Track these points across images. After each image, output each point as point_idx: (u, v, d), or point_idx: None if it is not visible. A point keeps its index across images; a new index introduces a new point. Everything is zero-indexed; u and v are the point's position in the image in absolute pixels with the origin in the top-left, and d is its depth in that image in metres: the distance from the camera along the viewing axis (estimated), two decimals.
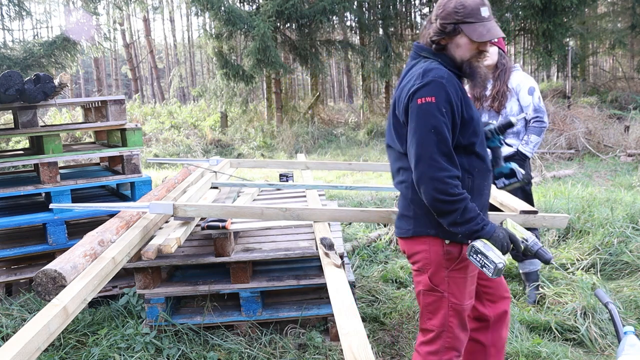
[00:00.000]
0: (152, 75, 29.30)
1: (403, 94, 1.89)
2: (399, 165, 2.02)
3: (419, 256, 2.00)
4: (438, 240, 1.95)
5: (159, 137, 14.17)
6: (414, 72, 1.91)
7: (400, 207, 2.05)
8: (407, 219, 2.00)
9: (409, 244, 2.03)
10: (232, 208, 2.68)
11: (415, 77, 1.87)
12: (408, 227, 2.00)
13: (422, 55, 1.97)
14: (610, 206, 4.89)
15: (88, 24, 10.44)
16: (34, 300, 3.33)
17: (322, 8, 13.16)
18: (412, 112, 1.84)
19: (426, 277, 1.98)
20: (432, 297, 2.00)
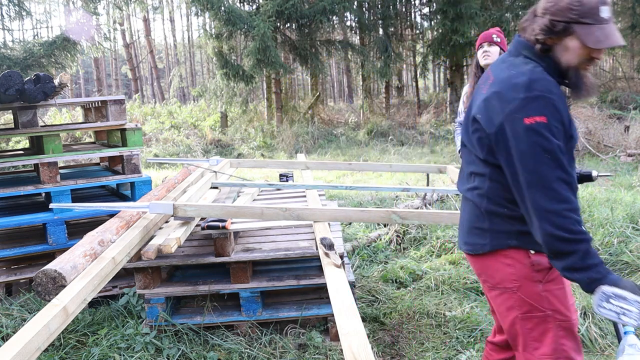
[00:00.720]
0: (152, 75, 29.30)
1: (499, 102, 1.58)
2: (472, 170, 1.73)
3: (501, 274, 1.68)
4: (522, 252, 1.65)
5: (159, 137, 14.17)
6: (513, 76, 1.59)
7: (469, 219, 1.75)
8: (481, 232, 1.70)
9: (485, 261, 1.72)
10: (232, 208, 2.68)
11: (519, 88, 1.55)
12: (483, 241, 1.69)
13: (524, 54, 1.66)
14: (610, 206, 4.89)
15: (88, 24, 10.43)
16: (34, 300, 3.33)
17: (322, 8, 13.16)
18: (517, 132, 1.53)
19: (519, 296, 1.66)
20: (533, 320, 1.67)
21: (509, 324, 1.71)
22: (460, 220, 1.84)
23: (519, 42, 1.69)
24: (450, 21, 13.57)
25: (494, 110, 1.59)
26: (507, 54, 1.72)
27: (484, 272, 1.75)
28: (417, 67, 18.71)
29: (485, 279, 1.75)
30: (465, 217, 1.78)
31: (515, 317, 1.68)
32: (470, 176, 1.76)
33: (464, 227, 1.79)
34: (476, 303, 3.36)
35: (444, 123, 14.62)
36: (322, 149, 12.83)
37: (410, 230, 4.65)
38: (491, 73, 1.69)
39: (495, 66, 1.71)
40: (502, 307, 1.72)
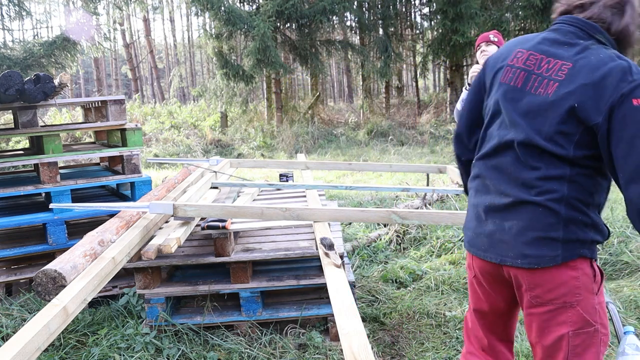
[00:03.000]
0: (152, 75, 29.31)
1: (603, 91, 1.44)
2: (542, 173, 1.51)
3: (565, 288, 1.50)
4: (587, 261, 1.52)
5: (159, 137, 14.18)
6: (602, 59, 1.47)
7: (534, 228, 1.51)
8: (553, 242, 1.49)
9: (547, 274, 1.51)
10: (232, 208, 2.68)
11: (621, 71, 1.43)
12: (554, 252, 1.49)
13: (597, 38, 1.54)
14: (610, 206, 4.89)
15: (88, 24, 10.44)
16: (34, 300, 3.33)
17: (322, 8, 13.16)
18: (630, 115, 1.40)
19: (577, 311, 1.50)
20: (583, 336, 1.52)
21: (554, 341, 1.54)
22: (508, 232, 1.55)
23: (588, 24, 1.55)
24: (450, 21, 13.57)
25: (601, 96, 1.44)
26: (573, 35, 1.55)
27: (540, 285, 1.53)
28: (417, 67, 18.72)
29: (538, 293, 1.54)
30: (525, 225, 1.52)
31: (566, 333, 1.52)
32: (537, 180, 1.52)
33: (521, 237, 1.52)
34: None
35: (444, 123, 14.62)
36: (322, 149, 12.83)
37: (410, 230, 4.65)
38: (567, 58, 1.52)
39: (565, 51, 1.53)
40: (550, 323, 1.54)
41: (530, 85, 1.55)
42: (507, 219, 1.55)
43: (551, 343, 1.54)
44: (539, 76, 1.54)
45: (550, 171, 1.51)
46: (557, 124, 1.49)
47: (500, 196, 1.57)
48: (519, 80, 1.57)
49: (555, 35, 1.57)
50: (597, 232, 1.54)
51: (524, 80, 1.56)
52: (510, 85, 1.58)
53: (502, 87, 1.60)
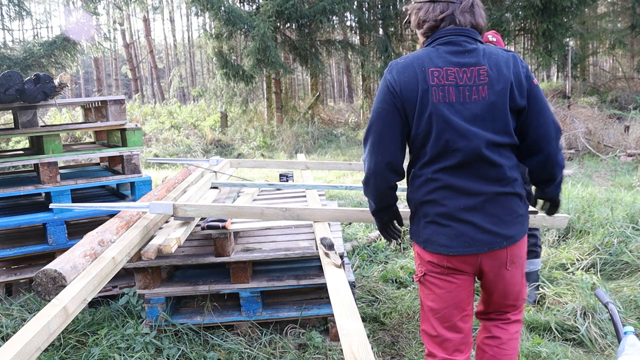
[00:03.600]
0: (152, 75, 29.30)
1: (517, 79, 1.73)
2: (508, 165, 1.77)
3: (526, 248, 1.92)
4: None
5: (159, 137, 14.18)
6: (501, 54, 1.77)
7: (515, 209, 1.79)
8: (523, 218, 1.81)
9: (522, 244, 1.84)
10: (232, 208, 2.68)
11: (516, 60, 1.77)
12: (524, 227, 1.82)
13: (478, 39, 1.82)
14: (610, 206, 4.89)
15: (88, 24, 10.44)
16: (34, 300, 3.33)
17: (322, 8, 13.16)
18: (538, 92, 1.76)
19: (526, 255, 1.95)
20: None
21: (518, 283, 1.90)
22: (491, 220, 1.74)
23: (472, 32, 1.82)
24: None
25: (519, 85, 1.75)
26: (467, 43, 1.79)
27: (517, 255, 1.83)
28: None
29: (514, 262, 1.83)
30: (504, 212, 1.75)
31: (522, 273, 1.91)
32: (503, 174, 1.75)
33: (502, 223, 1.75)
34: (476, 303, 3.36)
35: None
36: (322, 149, 12.83)
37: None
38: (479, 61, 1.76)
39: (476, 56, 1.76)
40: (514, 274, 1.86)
41: (463, 95, 1.71)
42: (487, 213, 1.74)
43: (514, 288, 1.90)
44: (466, 86, 1.72)
45: (510, 162, 1.77)
46: (504, 117, 1.73)
47: (474, 197, 1.73)
48: (452, 95, 1.71)
49: (453, 47, 1.76)
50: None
51: (455, 93, 1.71)
52: (446, 102, 1.71)
53: (437, 106, 1.71)
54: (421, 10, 1.83)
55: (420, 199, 1.80)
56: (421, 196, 1.80)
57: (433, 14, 1.80)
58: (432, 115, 1.71)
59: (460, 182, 1.73)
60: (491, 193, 1.73)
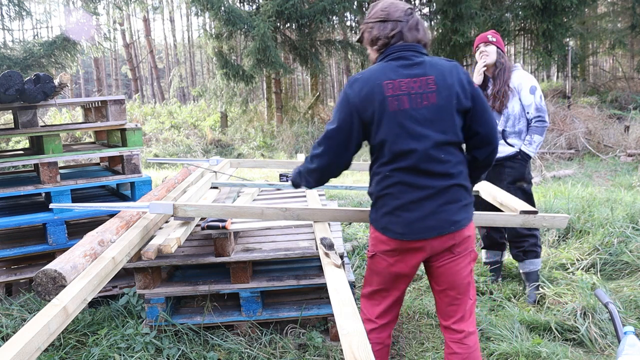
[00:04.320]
0: (152, 75, 29.30)
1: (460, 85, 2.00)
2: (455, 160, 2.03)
3: (473, 235, 2.10)
4: None
5: (159, 137, 14.18)
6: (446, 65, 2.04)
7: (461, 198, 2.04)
8: (469, 207, 2.07)
9: (467, 230, 2.06)
10: (232, 208, 2.68)
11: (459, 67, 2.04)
12: (467, 214, 2.06)
13: (424, 53, 2.09)
14: (610, 206, 4.90)
15: (88, 24, 10.43)
16: (34, 300, 3.33)
17: (322, 8, 13.15)
18: (479, 94, 2.05)
19: (475, 251, 2.14)
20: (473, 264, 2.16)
21: (464, 278, 2.09)
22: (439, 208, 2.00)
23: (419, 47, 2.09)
24: (450, 21, 13.57)
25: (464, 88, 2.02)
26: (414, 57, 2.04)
27: (464, 240, 2.05)
28: None
29: (461, 246, 2.06)
30: (451, 201, 2.01)
31: (472, 269, 2.13)
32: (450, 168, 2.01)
33: (450, 211, 2.01)
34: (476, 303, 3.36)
35: None
36: None
37: None
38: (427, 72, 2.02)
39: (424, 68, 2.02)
40: (462, 265, 2.08)
41: (415, 102, 1.97)
42: (436, 203, 1.99)
43: (462, 281, 2.09)
44: (416, 94, 1.97)
45: (455, 158, 2.02)
46: (451, 119, 1.98)
47: (424, 190, 1.99)
48: (405, 104, 1.97)
49: (403, 61, 2.02)
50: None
51: (408, 101, 1.97)
52: (400, 110, 1.97)
53: (393, 113, 1.97)
54: (374, 29, 2.08)
55: (379, 193, 2.06)
56: (380, 190, 2.06)
57: (384, 32, 2.05)
58: (389, 122, 1.97)
59: (413, 178, 1.99)
60: (439, 186, 1.99)
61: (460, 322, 2.12)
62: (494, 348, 2.79)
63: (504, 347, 2.77)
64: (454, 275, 2.08)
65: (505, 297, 3.50)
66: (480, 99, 2.04)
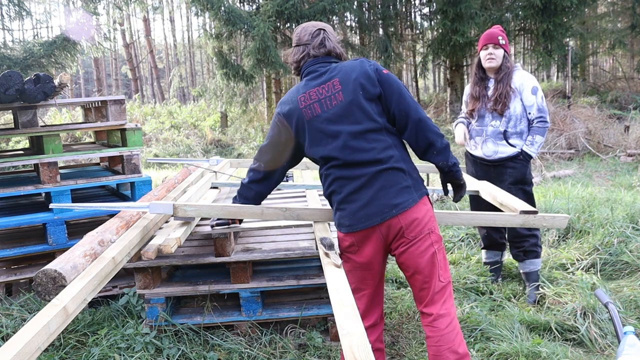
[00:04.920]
0: (152, 75, 29.30)
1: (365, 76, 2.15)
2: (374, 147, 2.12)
3: (426, 217, 2.11)
4: (426, 196, 2.17)
5: (159, 137, 14.18)
6: (349, 64, 2.22)
7: (397, 182, 2.10)
8: (409, 188, 2.11)
9: (415, 212, 2.09)
10: (232, 208, 2.68)
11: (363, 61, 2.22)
12: (412, 195, 2.10)
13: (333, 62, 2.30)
14: (610, 206, 4.90)
15: (88, 24, 10.43)
16: (34, 300, 3.33)
17: (322, 8, 13.16)
18: (393, 78, 2.17)
19: (436, 233, 2.14)
20: (442, 250, 2.16)
21: (428, 261, 2.10)
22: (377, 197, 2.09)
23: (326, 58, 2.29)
24: (450, 21, 13.57)
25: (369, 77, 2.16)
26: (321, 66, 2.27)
27: (412, 222, 2.08)
28: (417, 67, 18.71)
29: (412, 229, 2.09)
30: (387, 185, 2.09)
31: (434, 251, 2.11)
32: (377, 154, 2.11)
33: (388, 195, 2.08)
34: (476, 303, 3.36)
35: (444, 123, 14.61)
36: None
37: None
38: (329, 76, 2.22)
39: (327, 75, 2.22)
40: (422, 248, 2.10)
41: (325, 105, 2.18)
42: (372, 189, 2.09)
43: (427, 263, 2.10)
44: (325, 97, 2.18)
45: (380, 144, 2.12)
46: (363, 109, 2.13)
47: (358, 179, 2.11)
48: (317, 109, 2.19)
49: (312, 75, 2.26)
50: (419, 173, 2.22)
51: (319, 106, 2.19)
52: (314, 116, 2.19)
53: (310, 121, 2.20)
54: (290, 55, 2.35)
55: (326, 193, 2.24)
56: (326, 190, 2.24)
57: (295, 57, 2.32)
58: (310, 130, 2.20)
59: (345, 171, 2.14)
60: (370, 173, 2.09)
61: (429, 305, 2.12)
62: (494, 348, 2.79)
63: (504, 347, 2.76)
64: (416, 259, 2.11)
65: (505, 297, 3.50)
66: (390, 82, 2.15)
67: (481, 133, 3.58)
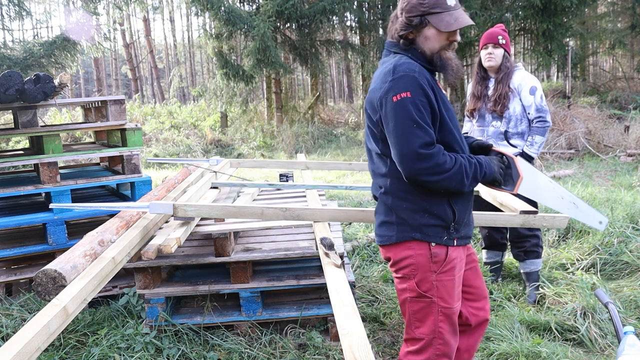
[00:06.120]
0: (152, 75, 29.29)
1: (376, 93, 1.85)
2: (374, 169, 2.00)
3: (405, 262, 1.92)
4: (424, 244, 1.89)
5: (159, 137, 14.17)
6: (383, 69, 1.87)
7: (381, 214, 1.99)
8: (389, 225, 1.94)
9: (392, 251, 1.95)
10: (232, 208, 2.68)
11: (386, 74, 1.83)
12: (391, 233, 1.93)
13: (393, 51, 1.93)
14: (610, 206, 4.90)
15: (88, 24, 10.43)
16: (34, 300, 3.33)
17: (322, 8, 13.15)
18: (390, 111, 1.79)
19: (413, 283, 1.91)
20: (420, 303, 1.92)
21: (402, 302, 1.98)
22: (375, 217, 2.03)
23: (387, 44, 1.96)
24: None
25: (375, 100, 1.85)
26: (382, 57, 1.98)
27: (393, 258, 1.96)
28: None
29: (391, 264, 1.98)
30: (379, 212, 2.00)
31: (407, 298, 1.95)
32: (375, 176, 2.00)
33: (376, 222, 2.01)
34: None
35: None
36: (322, 149, 12.82)
37: None
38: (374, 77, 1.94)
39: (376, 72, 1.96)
40: (398, 287, 1.98)
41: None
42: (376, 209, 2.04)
43: (401, 303, 1.99)
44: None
45: (380, 169, 1.95)
46: (368, 126, 1.94)
47: None
48: None
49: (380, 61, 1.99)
50: (432, 216, 1.87)
51: None
52: None
53: None
54: None
55: None
56: None
57: None
58: None
59: None
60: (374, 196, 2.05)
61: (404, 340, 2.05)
62: (494, 348, 2.79)
63: (504, 347, 2.76)
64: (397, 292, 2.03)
65: (505, 297, 3.50)
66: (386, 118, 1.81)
67: (482, 134, 3.58)
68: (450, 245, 1.90)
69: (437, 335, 1.91)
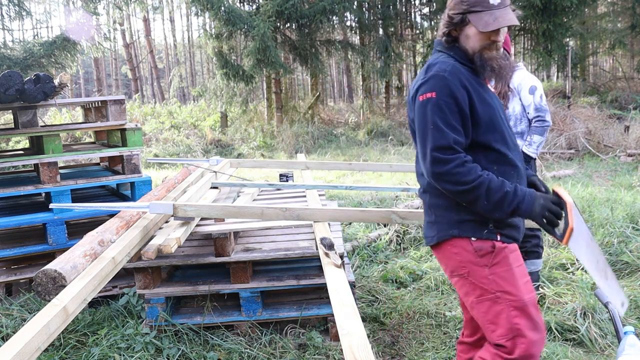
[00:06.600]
0: (152, 75, 29.30)
1: (411, 92, 1.87)
2: (417, 169, 1.95)
3: (453, 262, 1.84)
4: (464, 240, 1.80)
5: (159, 137, 14.17)
6: (422, 68, 1.86)
7: (424, 214, 1.96)
8: (430, 225, 1.90)
9: (440, 253, 1.89)
10: (232, 208, 2.68)
11: (420, 73, 1.84)
12: (432, 233, 1.89)
13: (437, 49, 1.91)
14: (610, 206, 4.90)
15: (88, 24, 10.44)
16: (34, 300, 3.33)
17: (322, 8, 13.15)
18: (416, 110, 1.80)
19: (469, 282, 1.81)
20: (486, 302, 1.79)
21: (470, 310, 1.86)
22: None
23: (434, 42, 1.96)
24: None
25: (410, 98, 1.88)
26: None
27: (440, 260, 1.92)
28: (417, 67, 18.71)
29: (444, 267, 1.92)
30: (424, 214, 1.97)
31: (472, 301, 1.83)
32: (418, 178, 1.96)
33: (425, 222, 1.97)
34: None
35: None
36: (322, 149, 12.83)
37: (410, 230, 4.65)
38: None
39: None
40: (461, 293, 1.89)
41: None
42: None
43: (471, 311, 1.86)
44: None
45: (419, 168, 1.89)
46: (409, 124, 1.91)
47: None
48: None
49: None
50: (467, 212, 1.80)
51: None
52: None
53: None
54: None
55: None
56: None
57: None
58: None
59: None
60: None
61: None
62: None
63: None
64: (460, 297, 1.99)
65: None
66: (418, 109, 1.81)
67: None
68: (494, 240, 1.79)
69: (517, 333, 1.73)
